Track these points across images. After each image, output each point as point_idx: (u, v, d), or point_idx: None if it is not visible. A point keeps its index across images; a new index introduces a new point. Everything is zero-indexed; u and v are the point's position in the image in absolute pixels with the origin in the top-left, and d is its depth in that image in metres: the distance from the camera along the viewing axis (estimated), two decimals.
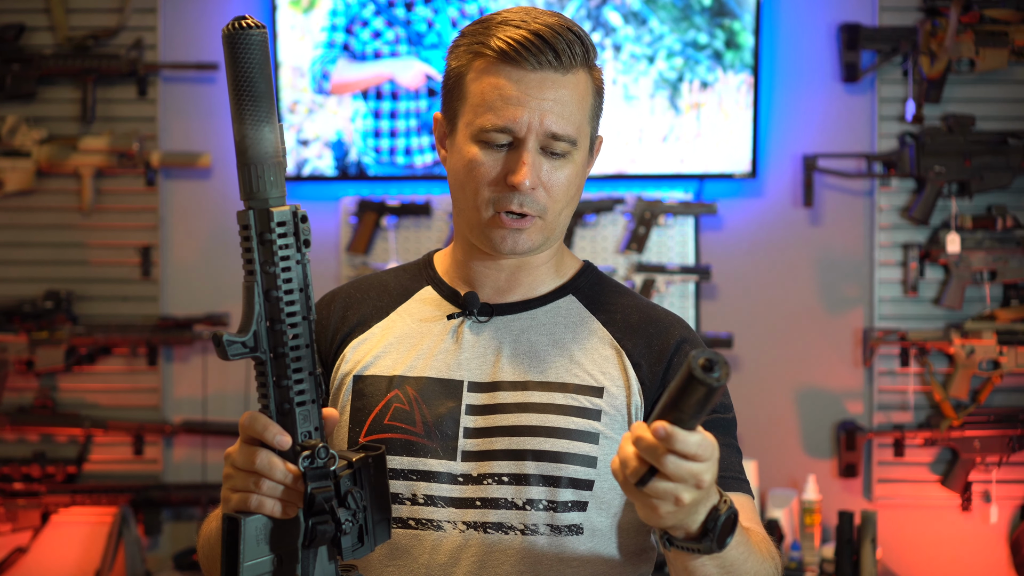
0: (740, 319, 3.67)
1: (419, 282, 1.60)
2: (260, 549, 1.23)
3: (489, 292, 1.55)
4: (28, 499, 3.59)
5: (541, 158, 1.46)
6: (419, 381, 1.50)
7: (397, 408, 1.49)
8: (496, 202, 1.47)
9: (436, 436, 1.47)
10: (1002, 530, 3.62)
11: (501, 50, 1.44)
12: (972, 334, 3.51)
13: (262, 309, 1.20)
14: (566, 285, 1.58)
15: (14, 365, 3.61)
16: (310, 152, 3.64)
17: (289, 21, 3.59)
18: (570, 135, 1.47)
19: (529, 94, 1.44)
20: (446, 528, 1.45)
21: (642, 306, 1.57)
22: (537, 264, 1.56)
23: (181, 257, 3.73)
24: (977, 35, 3.50)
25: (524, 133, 1.45)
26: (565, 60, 1.45)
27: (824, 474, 3.63)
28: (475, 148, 1.47)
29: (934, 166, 3.54)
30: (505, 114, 1.44)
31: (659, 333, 1.53)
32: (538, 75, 1.44)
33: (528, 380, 1.49)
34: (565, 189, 1.49)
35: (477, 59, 1.47)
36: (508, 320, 1.54)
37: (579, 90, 1.48)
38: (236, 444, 1.25)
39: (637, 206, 3.62)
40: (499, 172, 1.46)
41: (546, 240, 1.51)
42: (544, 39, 1.44)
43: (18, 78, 3.63)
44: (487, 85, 1.46)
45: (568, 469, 1.45)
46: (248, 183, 1.20)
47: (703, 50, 3.56)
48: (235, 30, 1.17)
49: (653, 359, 1.51)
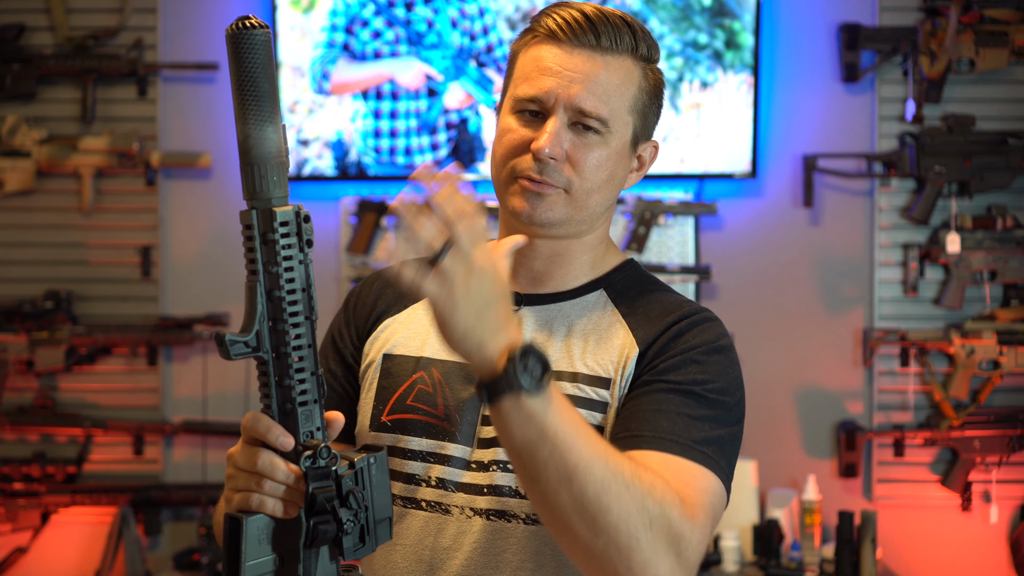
0: (740, 319, 3.66)
1: None
2: (262, 549, 1.23)
3: (524, 281, 1.55)
4: (28, 499, 3.59)
5: (569, 132, 1.47)
6: (445, 364, 1.51)
7: (421, 389, 1.50)
8: (517, 169, 1.48)
9: (455, 421, 1.48)
10: (1002, 530, 3.62)
11: (549, 27, 1.48)
12: (972, 334, 3.51)
13: (264, 309, 1.20)
14: (599, 279, 1.56)
15: (14, 365, 3.61)
16: (310, 152, 3.64)
17: (289, 21, 3.59)
18: (601, 114, 1.46)
19: (563, 66, 1.46)
20: (453, 512, 1.47)
21: (669, 300, 1.53)
22: (572, 256, 1.54)
23: (181, 257, 3.73)
24: (977, 35, 3.51)
25: (552, 104, 1.46)
26: (605, 42, 1.47)
27: (824, 474, 3.63)
28: (510, 118, 1.50)
29: (934, 166, 3.54)
30: (537, 84, 1.47)
31: (675, 320, 1.48)
32: (576, 51, 1.47)
33: None
34: (594, 169, 1.47)
35: (531, 38, 1.51)
36: (537, 310, 1.53)
37: (618, 75, 1.48)
38: (238, 444, 1.26)
39: (637, 206, 3.62)
40: (525, 140, 1.47)
41: (570, 218, 1.48)
42: (590, 19, 1.47)
43: (18, 78, 3.63)
44: (529, 58, 1.50)
45: None
46: (251, 183, 1.20)
47: (703, 50, 3.56)
48: (239, 30, 1.17)
49: (652, 323, 1.48)
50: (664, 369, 1.43)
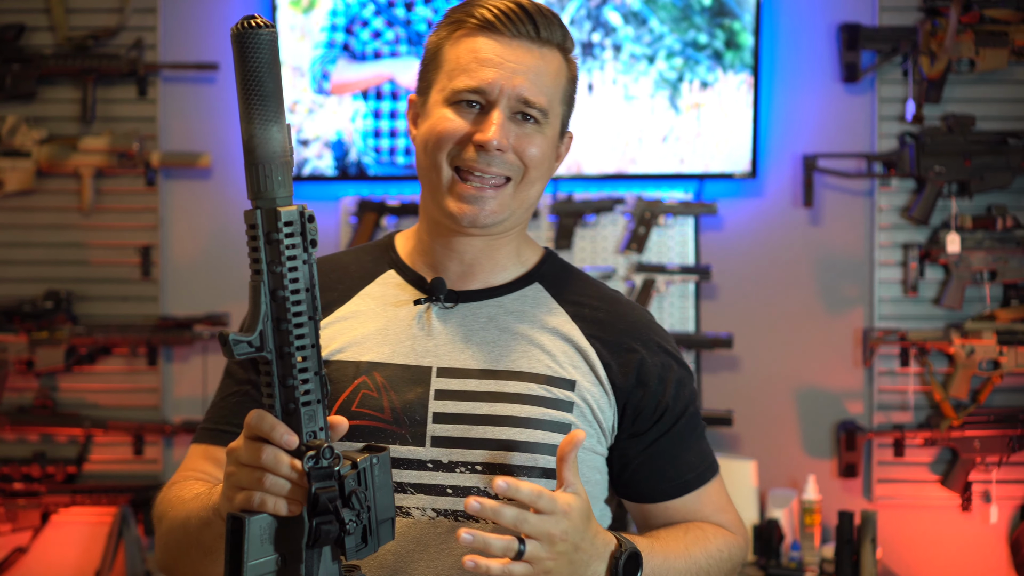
0: (740, 319, 3.67)
1: (381, 265, 1.60)
2: (264, 549, 1.23)
3: (453, 277, 1.55)
4: (28, 499, 3.59)
5: (511, 124, 1.48)
6: (387, 368, 1.50)
7: (365, 394, 1.49)
8: (461, 163, 1.48)
9: (405, 423, 1.47)
10: (1002, 530, 3.62)
11: (484, 18, 1.48)
12: (972, 334, 3.51)
13: (268, 309, 1.20)
14: (531, 272, 1.58)
15: (14, 365, 3.61)
16: (310, 152, 3.64)
17: (289, 21, 3.58)
18: (542, 104, 1.49)
19: (504, 58, 1.47)
20: (415, 515, 1.46)
21: (607, 297, 1.59)
22: (499, 247, 1.56)
23: (181, 257, 3.73)
24: (977, 35, 3.51)
25: (496, 95, 1.47)
26: (543, 33, 1.49)
27: (824, 474, 3.63)
28: (446, 110, 1.49)
29: (934, 166, 3.54)
30: (478, 75, 1.47)
31: (627, 331, 1.55)
32: (515, 42, 1.48)
33: (499, 369, 1.49)
34: (538, 160, 1.50)
35: (457, 29, 1.50)
36: (475, 307, 1.54)
37: (553, 67, 1.51)
38: (239, 440, 1.25)
39: (637, 206, 3.62)
40: (467, 132, 1.48)
41: (512, 214, 1.51)
42: (526, 10, 1.49)
43: (18, 78, 3.62)
44: (463, 50, 1.49)
45: (541, 459, 1.47)
46: (256, 182, 1.20)
47: (703, 50, 3.56)
48: (244, 29, 1.17)
49: (622, 362, 1.53)
50: (673, 407, 1.56)
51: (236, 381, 1.58)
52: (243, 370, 1.56)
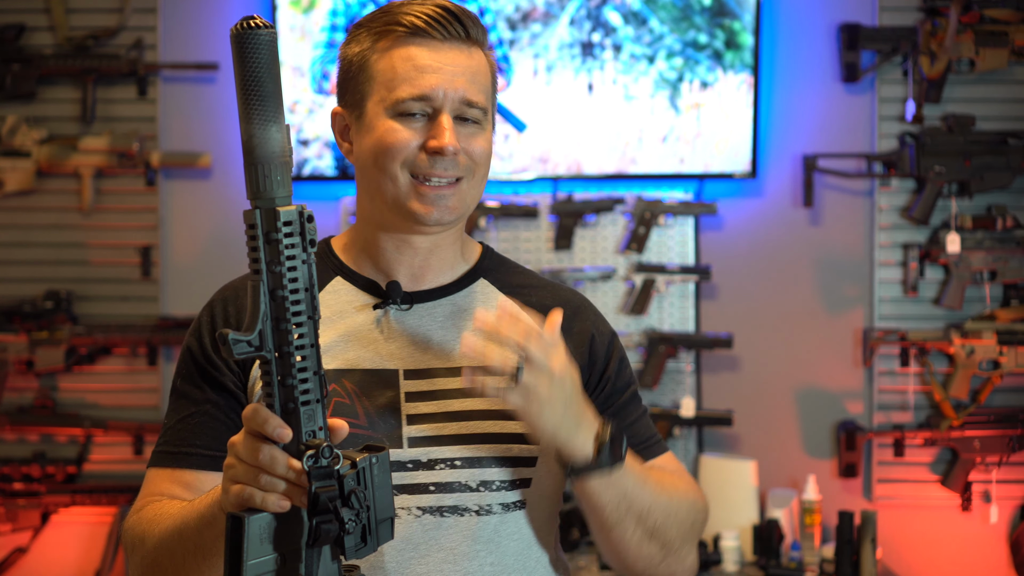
0: (740, 319, 3.67)
1: (325, 273, 1.59)
2: (263, 548, 1.22)
3: (405, 279, 1.56)
4: (28, 499, 3.59)
5: (457, 126, 1.50)
6: (355, 374, 1.50)
7: (338, 403, 1.49)
8: (416, 170, 1.49)
9: (380, 426, 1.48)
10: (1002, 530, 3.62)
11: (413, 24, 1.49)
12: (972, 334, 3.51)
13: (267, 308, 1.20)
14: (475, 269, 1.61)
15: (14, 365, 3.61)
16: (310, 152, 3.64)
17: (289, 21, 3.59)
18: (482, 103, 1.51)
19: (441, 62, 1.48)
20: (401, 515, 1.46)
21: (548, 285, 1.64)
22: (446, 246, 1.58)
23: (181, 257, 3.73)
24: (977, 35, 3.51)
25: (441, 100, 1.48)
26: (472, 33, 1.51)
27: (824, 474, 3.63)
28: (391, 122, 1.49)
29: (934, 166, 3.54)
30: (420, 83, 1.48)
31: (574, 315, 1.59)
32: (448, 45, 1.50)
33: (464, 366, 1.49)
34: (484, 157, 1.53)
35: (382, 39, 1.51)
36: (429, 307, 1.56)
37: (483, 64, 1.53)
38: (240, 434, 1.25)
39: (637, 206, 3.62)
40: (418, 142, 1.49)
41: (466, 211, 1.54)
42: (453, 13, 1.50)
43: (18, 78, 3.63)
44: (397, 59, 1.49)
45: (516, 449, 1.49)
46: (255, 182, 1.20)
47: (703, 50, 3.57)
48: (243, 30, 1.17)
49: (575, 342, 1.57)
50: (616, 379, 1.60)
51: (193, 402, 1.54)
52: (199, 390, 1.54)
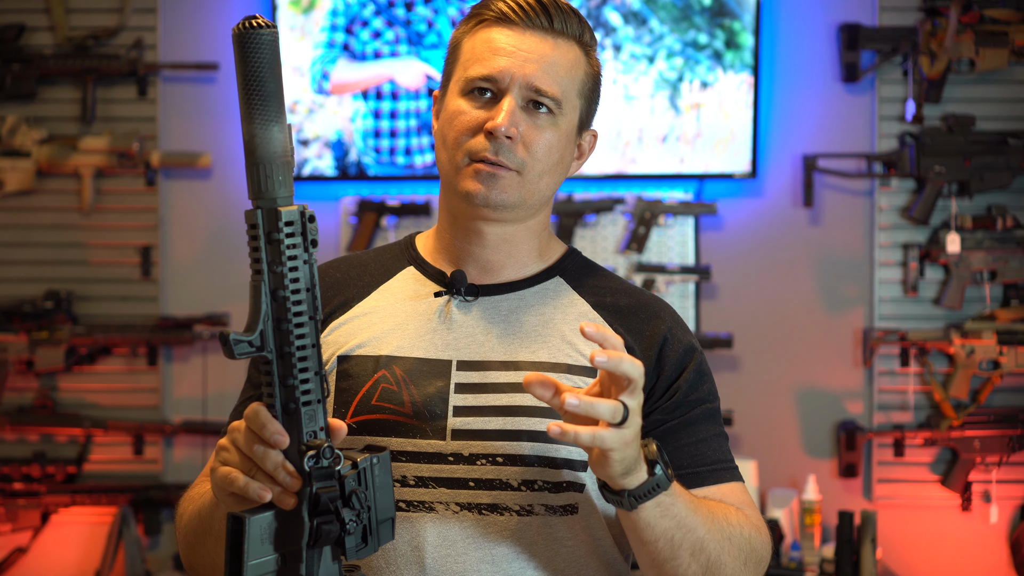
0: (740, 319, 3.67)
1: (401, 263, 1.61)
2: (264, 548, 1.22)
3: (474, 272, 1.55)
4: (28, 499, 3.59)
5: (523, 113, 1.48)
6: (406, 361, 1.49)
7: (385, 388, 1.48)
8: (472, 150, 1.48)
9: (425, 416, 1.47)
10: (1002, 530, 3.62)
11: (500, 10, 1.50)
12: (972, 334, 3.51)
13: (269, 308, 1.20)
14: (552, 267, 1.59)
15: (14, 365, 3.61)
16: (310, 152, 3.64)
17: (289, 21, 3.59)
18: (554, 94, 1.49)
19: (517, 47, 1.48)
20: (438, 509, 1.45)
21: (630, 289, 1.59)
22: (518, 242, 1.55)
23: (181, 257, 3.73)
24: (977, 35, 3.51)
25: (507, 84, 1.48)
26: (557, 25, 1.50)
27: (824, 474, 3.63)
28: (460, 99, 1.50)
29: (934, 166, 3.54)
30: (490, 64, 1.48)
31: (649, 318, 1.54)
32: (528, 32, 1.49)
33: (520, 360, 1.49)
34: (546, 151, 1.50)
35: (474, 23, 1.52)
36: (496, 300, 1.54)
37: (568, 58, 1.51)
38: (241, 422, 1.25)
39: (637, 206, 3.62)
40: (479, 121, 1.48)
41: (522, 201, 1.51)
42: (541, 3, 1.50)
43: (18, 78, 3.63)
44: (479, 40, 1.51)
45: (564, 450, 1.45)
46: (256, 182, 1.20)
47: (703, 50, 3.57)
48: (245, 29, 1.17)
49: (644, 345, 1.52)
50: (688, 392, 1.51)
51: (253, 385, 1.59)
52: (259, 373, 1.56)
